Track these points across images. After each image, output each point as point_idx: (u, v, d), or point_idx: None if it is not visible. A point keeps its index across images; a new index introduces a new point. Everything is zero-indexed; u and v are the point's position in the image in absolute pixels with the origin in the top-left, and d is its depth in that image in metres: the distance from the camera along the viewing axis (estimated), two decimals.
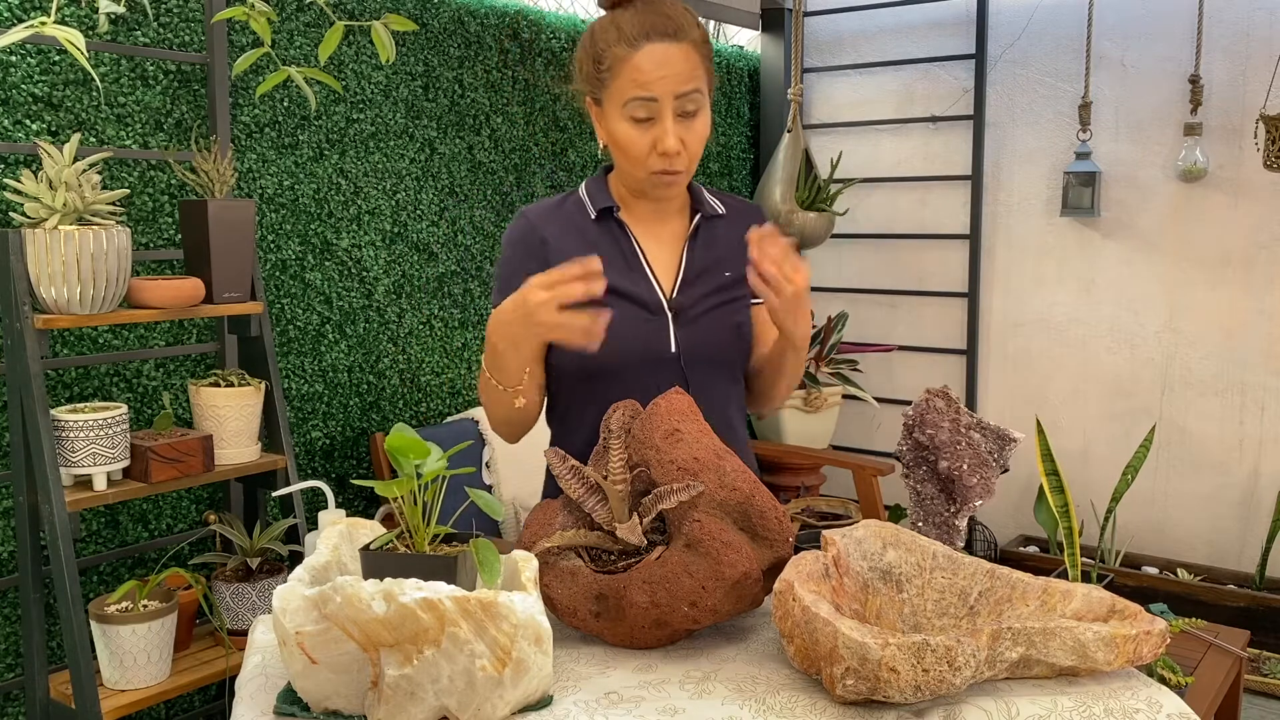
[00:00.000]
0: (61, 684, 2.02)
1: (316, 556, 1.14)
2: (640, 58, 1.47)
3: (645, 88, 1.47)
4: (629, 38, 1.48)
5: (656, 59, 1.46)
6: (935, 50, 3.84)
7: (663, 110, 1.47)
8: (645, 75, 1.46)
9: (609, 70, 1.49)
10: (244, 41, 2.39)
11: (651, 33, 1.47)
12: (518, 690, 1.02)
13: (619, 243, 1.58)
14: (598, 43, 1.51)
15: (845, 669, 1.03)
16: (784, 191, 3.65)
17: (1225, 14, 3.31)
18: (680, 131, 1.49)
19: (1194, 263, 3.44)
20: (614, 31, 1.50)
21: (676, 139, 1.48)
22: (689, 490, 1.19)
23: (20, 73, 2.05)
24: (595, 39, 1.52)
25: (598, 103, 1.54)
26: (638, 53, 1.47)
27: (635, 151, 1.50)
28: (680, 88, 1.47)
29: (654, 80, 1.46)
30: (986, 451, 1.44)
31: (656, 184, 1.53)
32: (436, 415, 2.93)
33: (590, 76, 1.53)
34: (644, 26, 1.48)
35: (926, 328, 3.97)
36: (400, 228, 2.79)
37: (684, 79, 1.47)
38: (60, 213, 1.82)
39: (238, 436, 2.11)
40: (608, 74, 1.50)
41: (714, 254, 1.61)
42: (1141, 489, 3.57)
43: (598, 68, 1.51)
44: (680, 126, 1.49)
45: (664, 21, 1.48)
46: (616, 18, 1.51)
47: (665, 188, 1.54)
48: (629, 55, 1.47)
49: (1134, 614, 1.13)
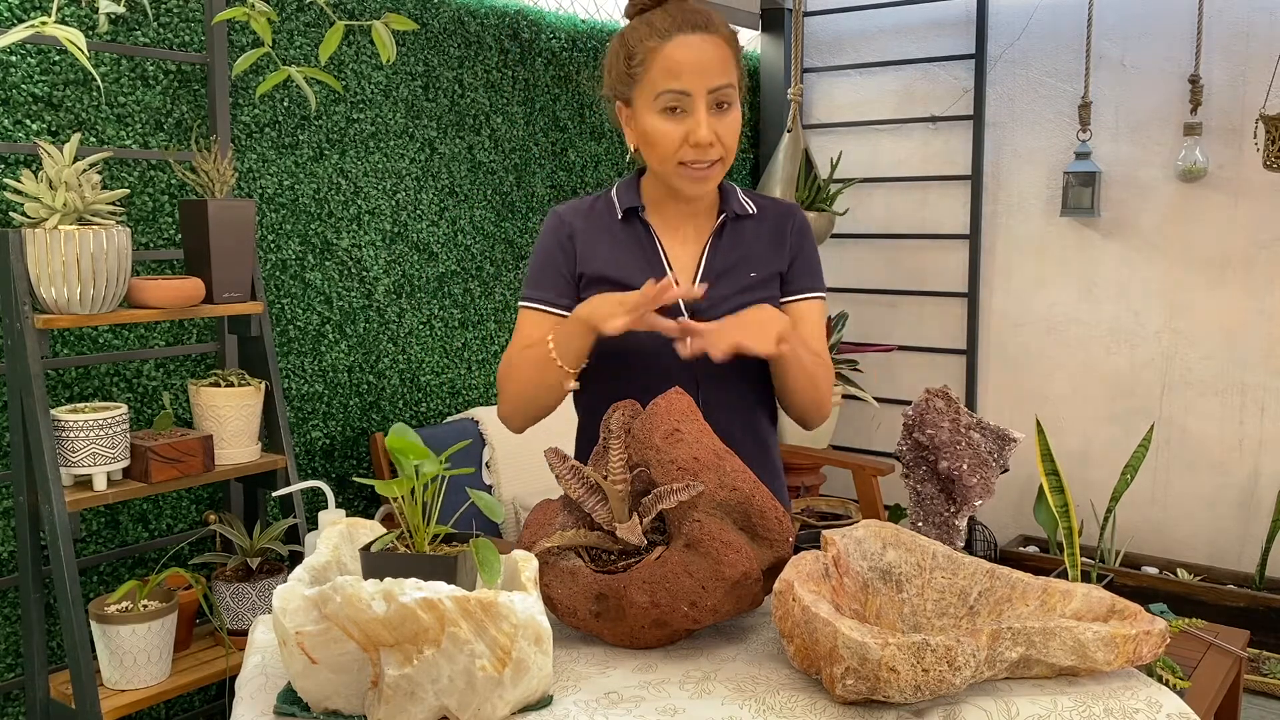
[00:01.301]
0: (61, 684, 2.02)
1: (316, 556, 1.14)
2: (672, 48, 1.46)
3: (678, 79, 1.45)
4: (660, 31, 1.47)
5: (690, 50, 1.45)
6: (935, 50, 3.84)
7: (695, 103, 1.46)
8: (678, 66, 1.45)
9: (641, 64, 1.48)
10: (244, 41, 2.39)
11: (684, 25, 1.46)
12: (518, 690, 1.02)
13: (641, 242, 1.58)
14: (628, 41, 1.50)
15: (845, 669, 1.03)
16: (784, 191, 3.65)
17: (1225, 14, 3.31)
18: (713, 124, 1.47)
19: (1194, 263, 3.44)
20: (645, 28, 1.49)
21: (710, 130, 1.46)
22: (689, 490, 1.19)
23: (20, 73, 2.05)
24: (626, 38, 1.51)
25: (628, 103, 1.52)
26: (669, 43, 1.46)
27: (666, 144, 1.48)
28: (714, 81, 1.46)
29: (687, 71, 1.45)
30: (986, 451, 1.44)
31: (689, 177, 1.50)
32: (436, 415, 2.93)
33: (621, 75, 1.52)
34: (675, 20, 1.47)
35: (926, 328, 3.97)
36: (400, 228, 2.79)
37: (717, 72, 1.46)
38: (60, 213, 1.82)
39: (238, 436, 2.11)
40: (639, 68, 1.48)
41: (739, 254, 1.59)
42: (1141, 489, 3.57)
43: (629, 64, 1.50)
44: (713, 118, 1.47)
45: (695, 15, 1.48)
46: (649, 17, 1.50)
47: (698, 183, 1.51)
48: (661, 46, 1.46)
49: (1134, 614, 1.13)
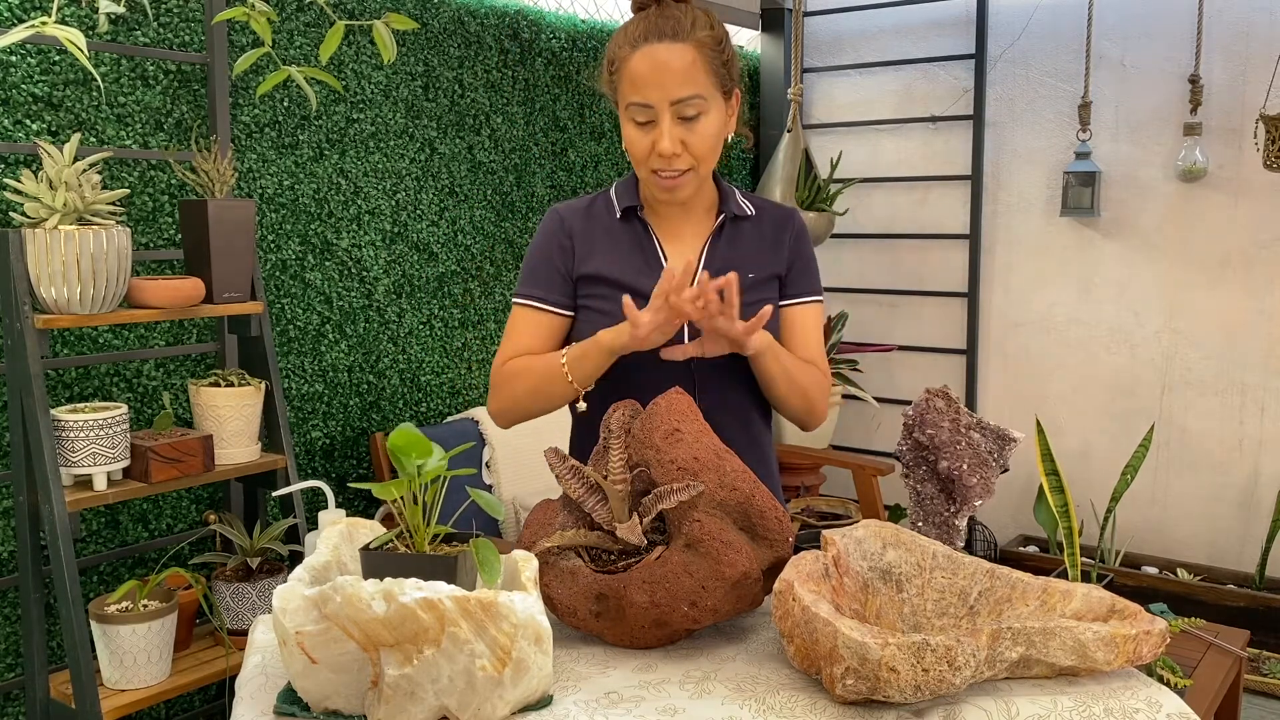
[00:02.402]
0: (61, 684, 2.02)
1: (316, 556, 1.14)
2: (637, 59, 1.45)
3: (640, 92, 1.45)
4: (631, 39, 1.46)
5: (652, 63, 1.44)
6: (935, 50, 3.84)
7: (659, 114, 1.45)
8: (641, 79, 1.45)
9: (616, 73, 1.49)
10: (244, 41, 2.39)
11: (650, 34, 1.44)
12: (518, 690, 1.02)
13: (640, 241, 1.58)
14: (611, 46, 1.51)
15: (845, 669, 1.03)
16: (784, 191, 3.65)
17: (1225, 14, 3.31)
18: (682, 133, 1.46)
19: (1194, 263, 3.44)
20: (623, 34, 1.48)
21: (674, 141, 1.46)
22: (689, 490, 1.19)
23: (20, 73, 2.05)
24: (612, 42, 1.51)
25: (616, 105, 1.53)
26: (636, 54, 1.45)
27: (636, 153, 1.50)
28: (676, 93, 1.44)
29: (648, 85, 1.44)
30: (986, 451, 1.44)
31: (658, 185, 1.51)
32: (436, 415, 2.93)
33: (606, 81, 1.53)
34: (646, 28, 1.45)
35: (926, 328, 3.97)
36: (400, 228, 2.79)
37: (679, 84, 1.43)
38: (60, 213, 1.82)
39: (238, 436, 2.11)
40: (616, 76, 1.49)
41: (737, 255, 1.59)
42: (1141, 489, 3.57)
43: (610, 70, 1.50)
44: (681, 128, 1.46)
45: (667, 23, 1.45)
46: (632, 21, 1.49)
47: (667, 191, 1.52)
48: (630, 56, 1.46)
49: (1134, 614, 1.13)
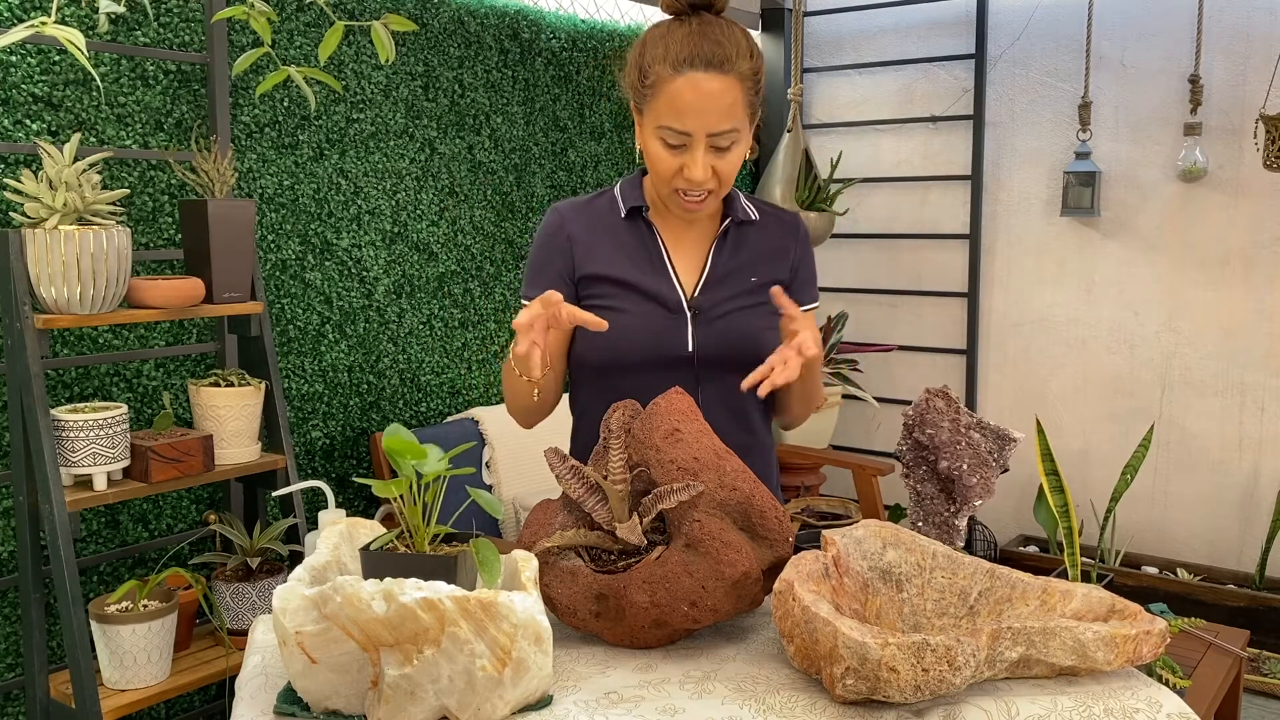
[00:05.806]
0: (61, 684, 2.02)
1: (316, 556, 1.14)
2: (680, 85, 1.42)
3: (680, 120, 1.43)
4: (675, 60, 1.42)
5: (696, 92, 1.41)
6: (935, 50, 3.84)
7: (694, 143, 1.44)
8: (681, 107, 1.42)
9: (650, 87, 1.46)
10: (244, 41, 2.39)
11: (696, 59, 1.42)
12: (518, 690, 1.02)
13: (645, 242, 1.58)
14: (646, 55, 1.47)
15: (845, 669, 1.03)
16: (784, 191, 3.65)
17: (1225, 14, 3.31)
18: (711, 160, 1.45)
19: (1194, 263, 3.44)
20: (662, 48, 1.45)
21: (706, 170, 1.45)
22: (689, 490, 1.19)
23: (20, 73, 2.05)
24: (645, 50, 1.47)
25: (639, 111, 1.51)
26: (679, 79, 1.42)
27: (662, 170, 1.48)
28: (715, 126, 1.43)
29: (690, 114, 1.42)
30: (986, 451, 1.44)
31: (679, 204, 1.52)
32: (436, 415, 2.93)
33: (634, 85, 1.50)
34: (690, 51, 1.42)
35: (926, 328, 3.97)
36: (400, 228, 2.79)
37: (720, 118, 1.43)
38: (60, 213, 1.82)
39: (238, 436, 2.11)
40: (649, 90, 1.46)
41: (741, 259, 1.60)
42: (1141, 489, 3.57)
43: (642, 81, 1.47)
44: (712, 156, 1.45)
45: (713, 49, 1.42)
46: (671, 32, 1.45)
47: (689, 210, 1.52)
48: (671, 79, 1.42)
49: (1134, 614, 1.13)
